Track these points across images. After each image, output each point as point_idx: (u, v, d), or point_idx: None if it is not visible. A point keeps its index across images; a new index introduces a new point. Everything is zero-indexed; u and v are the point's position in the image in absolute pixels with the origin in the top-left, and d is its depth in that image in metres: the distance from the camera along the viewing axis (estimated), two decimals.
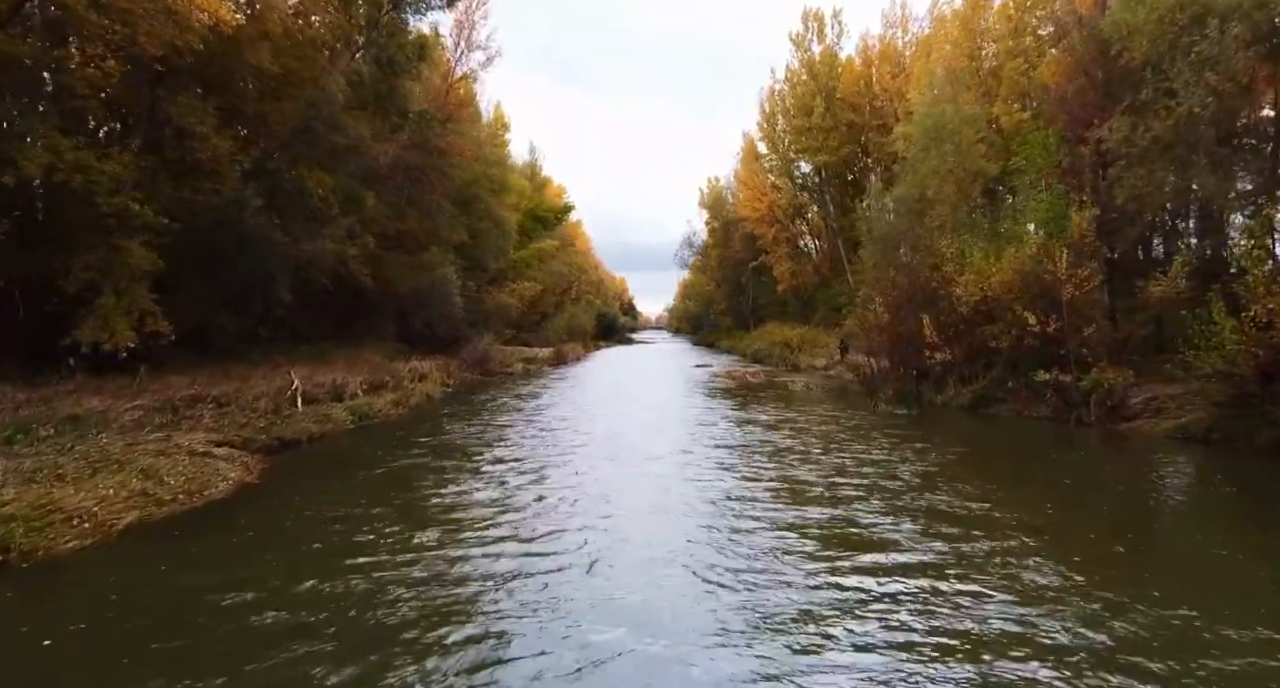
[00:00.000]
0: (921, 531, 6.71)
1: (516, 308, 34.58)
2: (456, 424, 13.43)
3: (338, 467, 9.89)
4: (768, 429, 12.81)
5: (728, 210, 57.63)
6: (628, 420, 13.69)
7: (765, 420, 13.87)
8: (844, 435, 12.40)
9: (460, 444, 11.13)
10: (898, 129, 33.02)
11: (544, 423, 13.39)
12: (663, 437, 11.87)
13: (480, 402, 17.31)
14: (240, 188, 12.50)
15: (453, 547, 6.20)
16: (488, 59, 24.59)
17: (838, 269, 44.55)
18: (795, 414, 15.32)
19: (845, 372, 26.58)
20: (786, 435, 12.08)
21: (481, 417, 14.36)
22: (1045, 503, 8.01)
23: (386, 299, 24.70)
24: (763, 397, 19.19)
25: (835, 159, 40.42)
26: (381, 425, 13.83)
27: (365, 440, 12.15)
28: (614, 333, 70.27)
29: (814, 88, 39.87)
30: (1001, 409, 15.56)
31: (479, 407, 16.30)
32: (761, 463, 9.81)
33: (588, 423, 13.29)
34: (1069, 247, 14.13)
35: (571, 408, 15.88)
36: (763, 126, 44.20)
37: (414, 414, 15.27)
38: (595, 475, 9.04)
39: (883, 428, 13.47)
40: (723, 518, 7.11)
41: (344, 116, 14.28)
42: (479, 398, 18.35)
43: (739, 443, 11.46)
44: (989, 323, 16.15)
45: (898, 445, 11.37)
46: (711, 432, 12.45)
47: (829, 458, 10.19)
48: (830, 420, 14.33)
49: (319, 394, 14.35)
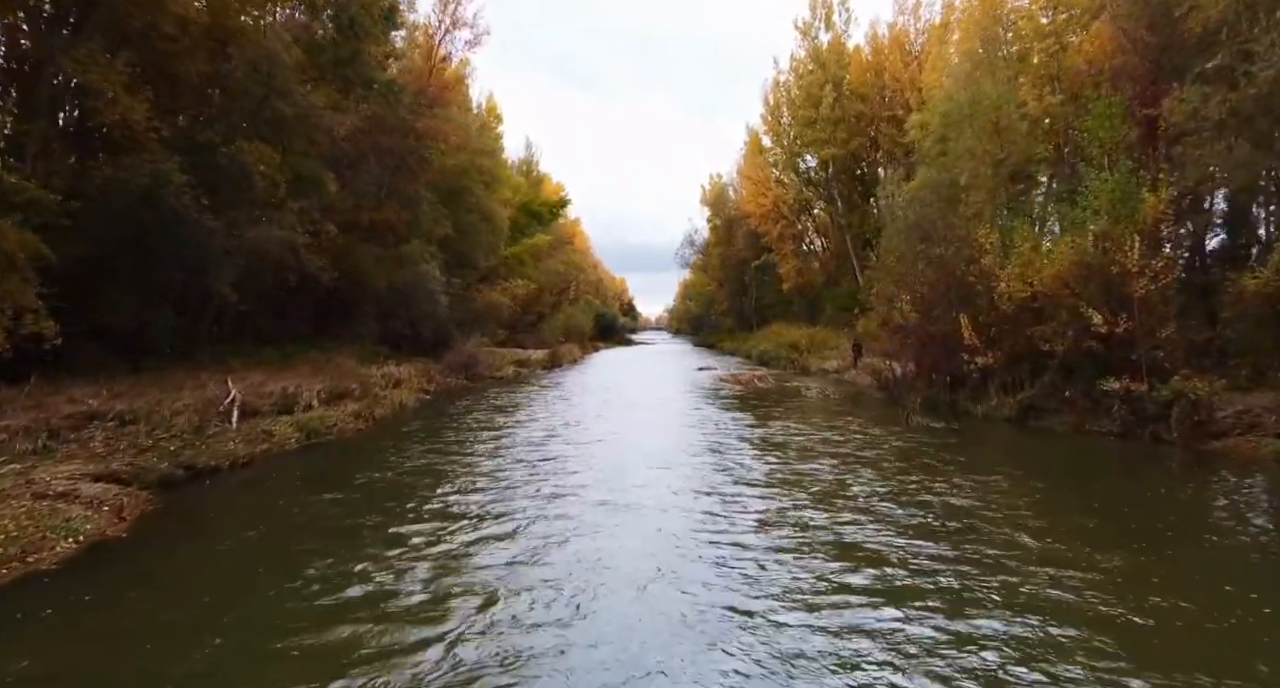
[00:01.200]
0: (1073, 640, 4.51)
1: (509, 307, 32.37)
2: (418, 446, 11.16)
3: (241, 512, 7.59)
4: (799, 457, 10.15)
5: (730, 208, 55.44)
6: (626, 444, 11.08)
7: (789, 442, 11.56)
8: (888, 462, 10.17)
9: (410, 481, 8.71)
10: (913, 118, 30.86)
11: (523, 447, 10.90)
12: (673, 475, 8.99)
13: (456, 413, 15.04)
14: (165, 162, 10.30)
15: None
16: (475, 37, 22.42)
17: (845, 267, 42.41)
18: (820, 430, 13.12)
19: (860, 376, 24.40)
20: (821, 465, 9.85)
21: (451, 435, 12.05)
22: (1175, 569, 5.82)
23: (365, 298, 22.54)
24: (777, 406, 16.98)
25: (844, 152, 38.23)
26: (333, 444, 11.62)
27: (300, 467, 9.92)
28: (613, 334, 68.04)
29: (822, 77, 37.68)
30: (1054, 422, 13.36)
31: (453, 421, 14.00)
32: (809, 516, 7.27)
33: (575, 450, 10.63)
34: (1141, 233, 11.94)
35: (559, 423, 13.50)
36: (767, 119, 42.05)
37: (376, 429, 13.05)
38: (581, 551, 6.07)
39: (928, 449, 11.27)
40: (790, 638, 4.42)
41: (294, 81, 12.09)
42: (457, 409, 16.10)
43: (766, 479, 8.83)
44: (1038, 322, 13.95)
45: (957, 475, 9.17)
46: (731, 462, 9.78)
47: (885, 503, 7.96)
48: (863, 439, 12.12)
49: (263, 406, 12.15)
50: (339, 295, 21.95)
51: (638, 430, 12.71)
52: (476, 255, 27.55)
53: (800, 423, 13.72)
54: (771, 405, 17.15)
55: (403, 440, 11.71)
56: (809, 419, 14.40)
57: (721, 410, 15.70)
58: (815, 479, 8.77)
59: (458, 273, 27.77)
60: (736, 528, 6.75)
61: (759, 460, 9.81)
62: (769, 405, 17.11)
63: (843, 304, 39.73)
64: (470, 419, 13.90)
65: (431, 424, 13.41)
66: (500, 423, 13.30)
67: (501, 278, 32.20)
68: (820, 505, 7.52)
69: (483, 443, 11.12)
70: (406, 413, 15.43)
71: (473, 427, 12.96)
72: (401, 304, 22.69)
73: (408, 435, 12.26)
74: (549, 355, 32.18)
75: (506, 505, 7.53)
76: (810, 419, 14.44)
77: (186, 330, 15.62)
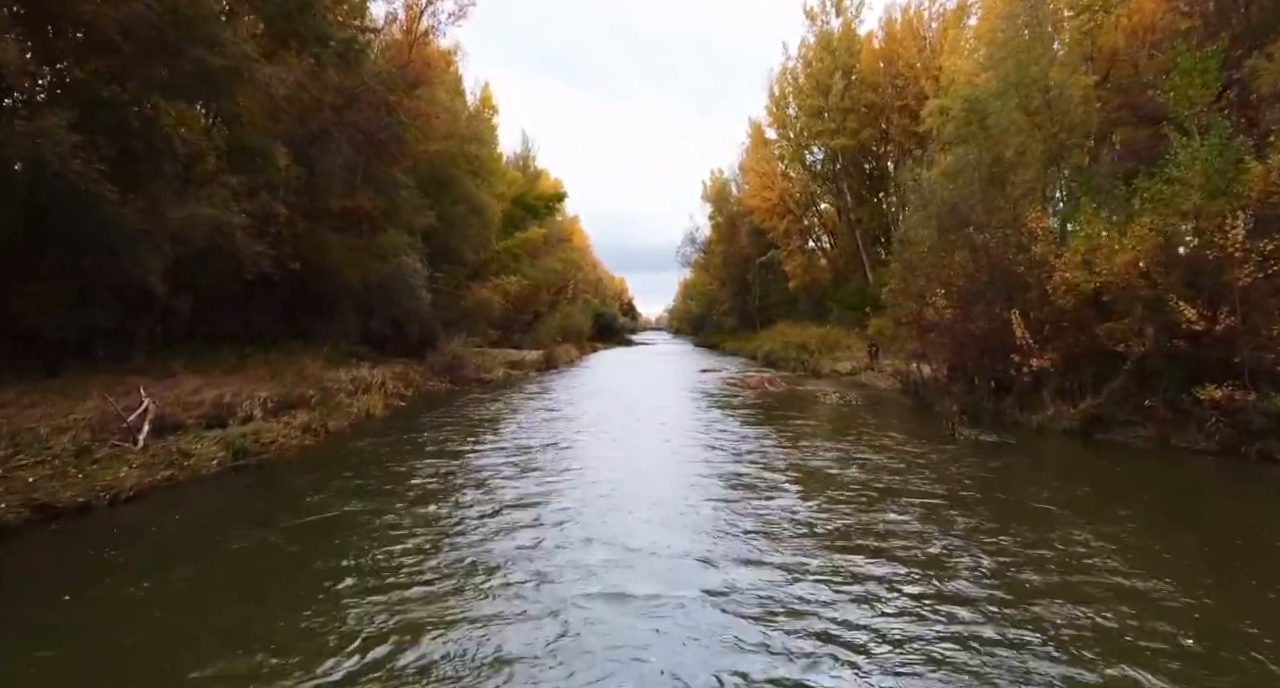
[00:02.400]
0: None
1: (501, 305, 30.22)
2: (367, 474, 8.88)
3: (67, 584, 5.25)
4: (852, 500, 7.45)
5: (732, 204, 53.33)
6: (621, 481, 8.30)
7: (828, 473, 9.26)
8: (962, 502, 8.05)
9: (331, 543, 6.15)
10: (930, 103, 28.78)
11: (496, 479, 8.37)
12: (685, 526, 6.56)
13: (424, 426, 12.76)
14: (53, 118, 8.16)
15: None
16: (459, 9, 20.25)
17: (854, 264, 40.28)
18: (856, 449, 10.99)
19: (879, 378, 22.28)
20: (887, 516, 7.67)
21: (403, 460, 9.69)
22: None
23: (341, 293, 20.41)
24: (798, 417, 14.83)
25: (854, 143, 36.10)
26: (266, 465, 9.46)
27: (202, 502, 7.70)
28: (612, 334, 65.89)
29: (831, 65, 35.56)
30: (1127, 435, 11.23)
31: (416, 436, 11.65)
32: (876, 593, 5.11)
33: (552, 491, 7.93)
34: (1244, 209, 9.81)
35: (539, 444, 10.94)
36: (772, 110, 39.92)
37: (325, 445, 10.86)
38: None
39: (994, 475, 9.15)
40: None
41: (225, 31, 9.95)
42: (428, 420, 13.88)
43: (829, 545, 6.09)
44: (1105, 318, 11.83)
45: (1077, 525, 7.05)
46: (773, 514, 6.97)
47: (965, 562, 5.83)
48: (912, 461, 9.97)
49: (188, 419, 10.01)
50: (311, 291, 19.84)
51: (637, 457, 10.10)
52: (464, 250, 25.39)
53: (832, 441, 11.56)
54: (791, 415, 14.99)
55: (352, 463, 9.50)
56: (840, 434, 12.25)
57: (737, 424, 13.53)
58: (890, 543, 6.53)
59: (444, 268, 25.64)
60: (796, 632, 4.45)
61: (807, 504, 7.54)
62: (788, 416, 14.96)
63: (852, 303, 37.61)
64: (436, 436, 11.61)
65: (388, 442, 11.20)
66: (470, 443, 10.95)
67: (493, 274, 30.06)
68: (926, 605, 4.91)
69: (438, 475, 8.76)
70: (370, 424, 13.28)
71: (435, 447, 10.71)
72: (380, 300, 20.56)
73: (354, 456, 10.05)
74: (543, 357, 30.06)
75: (430, 611, 4.72)
76: (841, 434, 12.28)
77: (126, 330, 13.53)
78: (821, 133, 36.36)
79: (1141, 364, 11.17)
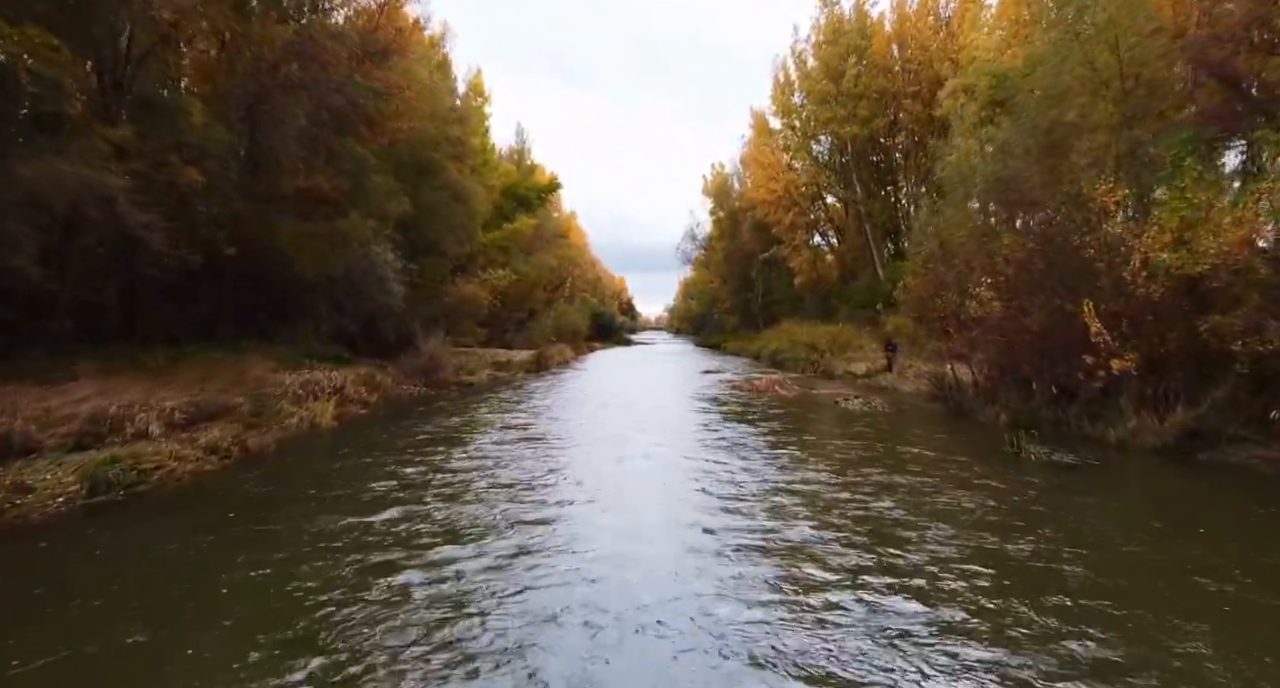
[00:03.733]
0: None
1: (489, 302, 27.92)
2: (270, 522, 6.61)
3: None
4: (934, 571, 5.02)
5: (734, 199, 51.00)
6: (608, 543, 5.78)
7: (880, 517, 6.89)
8: (1081, 563, 5.74)
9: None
10: (950, 83, 26.47)
11: (446, 529, 6.08)
12: (700, 620, 4.23)
13: (369, 444, 10.21)
14: None
15: None
16: None
17: (864, 260, 37.94)
18: (899, 472, 8.69)
19: (900, 381, 19.96)
20: (951, 568, 5.37)
21: (342, 492, 7.30)
22: None
23: (306, 287, 18.11)
24: (822, 430, 12.52)
25: (865, 131, 33.77)
26: (135, 503, 7.13)
27: None
28: (611, 333, 63.55)
29: (843, 48, 33.23)
30: (1241, 454, 8.92)
31: (352, 457, 9.08)
32: None
33: (533, 532, 5.97)
34: None
35: (507, 471, 8.44)
36: (777, 98, 37.56)
37: (232, 471, 8.52)
38: None
39: (1100, 518, 6.84)
40: None
41: None
42: (382, 434, 11.49)
43: (879, 627, 4.14)
44: (1204, 310, 9.52)
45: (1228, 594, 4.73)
46: (798, 572, 5.05)
47: None
48: (970, 488, 7.68)
49: (46, 439, 7.70)
50: (272, 284, 17.53)
51: (628, 499, 7.38)
52: (447, 241, 23.06)
53: (871, 465, 9.23)
54: (814, 428, 12.68)
55: (229, 507, 7.13)
56: (877, 455, 9.92)
57: (754, 441, 11.18)
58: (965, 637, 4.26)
59: (425, 261, 23.34)
60: None
61: (876, 579, 5.26)
62: (810, 428, 12.65)
63: (862, 300, 35.29)
64: (372, 462, 8.98)
65: (329, 468, 8.82)
66: (420, 470, 8.35)
67: (480, 269, 27.75)
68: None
69: (359, 526, 6.33)
70: (308, 440, 10.96)
71: (372, 472, 8.33)
72: (346, 295, 18.24)
73: (274, 490, 7.69)
74: (535, 357, 27.72)
75: None
76: (879, 455, 9.96)
77: (13, 327, 11.25)
78: (830, 120, 34.02)
79: (1259, 367, 8.85)
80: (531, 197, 31.93)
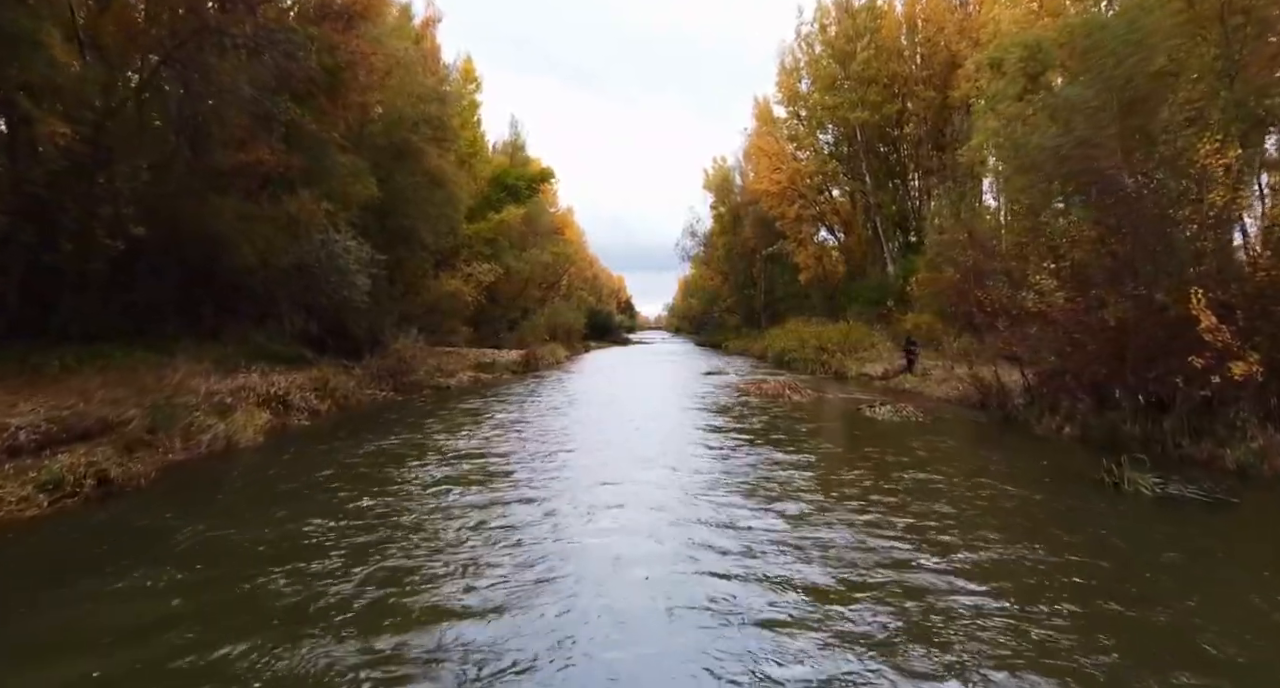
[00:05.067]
0: None
1: (475, 298, 25.70)
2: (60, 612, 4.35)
3: None
4: None
5: (736, 194, 48.77)
6: (595, 598, 4.01)
7: (964, 587, 4.82)
8: None
9: None
10: (975, 57, 24.28)
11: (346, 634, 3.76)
12: None
13: (290, 474, 7.83)
14: None
15: None
16: None
17: (873, 255, 35.75)
18: (980, 522, 6.50)
19: (924, 384, 17.75)
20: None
21: (152, 568, 4.92)
22: None
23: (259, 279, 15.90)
24: (852, 446, 10.32)
25: (875, 118, 31.58)
26: None
27: None
28: (608, 333, 61.31)
29: (852, 29, 31.06)
30: None
31: (236, 500, 6.60)
32: None
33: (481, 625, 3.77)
34: None
35: (452, 520, 5.96)
36: (783, 83, 35.35)
37: (65, 517, 6.25)
38: None
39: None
40: None
41: None
42: (309, 455, 9.12)
43: None
44: None
45: None
46: None
47: None
48: (1086, 549, 5.48)
49: None
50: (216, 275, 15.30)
51: (609, 573, 4.82)
52: (424, 230, 20.82)
53: (932, 501, 7.03)
54: (842, 443, 10.48)
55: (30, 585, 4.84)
56: (935, 485, 7.71)
57: (772, 461, 8.95)
58: None
59: (401, 252, 21.13)
60: None
61: None
62: (837, 444, 10.43)
63: (873, 297, 33.12)
64: (262, 506, 6.55)
65: (168, 518, 6.42)
66: (332, 518, 5.80)
67: (464, 263, 25.53)
68: None
69: (307, 578, 4.14)
70: (218, 463, 8.72)
71: (230, 531, 5.91)
72: (302, 288, 16.02)
73: (62, 560, 5.43)
74: (523, 358, 25.49)
75: None
76: (939, 485, 7.75)
77: None
78: (838, 106, 31.82)
79: None
80: (522, 187, 29.68)
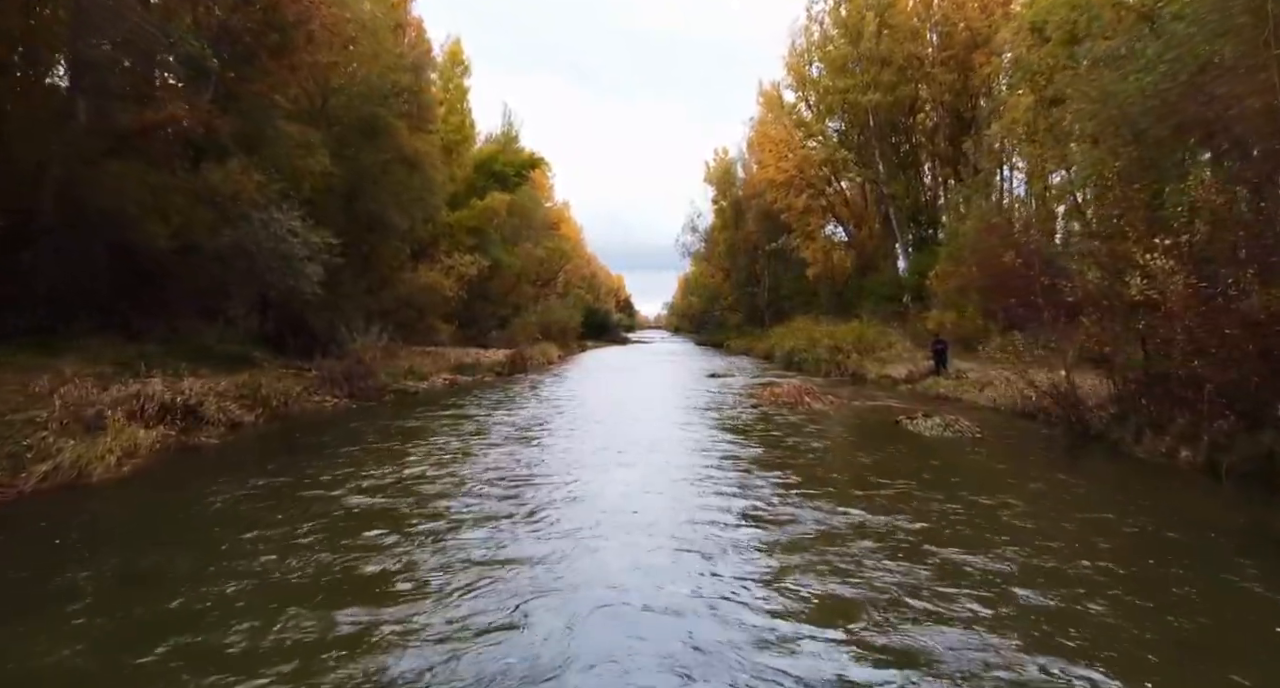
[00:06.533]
0: None
1: (458, 292, 23.28)
2: None
3: None
4: None
5: (738, 187, 46.36)
6: None
7: None
8: None
9: None
10: (1008, 26, 21.86)
11: None
12: None
13: (118, 534, 5.58)
14: None
15: None
16: None
17: (885, 249, 33.32)
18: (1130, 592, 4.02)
19: (959, 388, 15.33)
20: None
21: None
22: None
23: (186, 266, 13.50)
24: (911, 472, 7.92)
25: (889, 99, 29.17)
26: None
27: None
28: (605, 332, 58.90)
29: (863, 4, 28.67)
30: None
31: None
32: None
33: None
34: None
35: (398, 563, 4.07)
36: (792, 66, 32.93)
37: None
38: None
39: None
40: None
41: None
42: (171, 507, 6.77)
43: None
44: None
45: None
46: None
47: None
48: None
49: None
50: (131, 260, 12.90)
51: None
52: (395, 216, 18.38)
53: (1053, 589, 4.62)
54: (890, 476, 8.05)
55: None
56: (1042, 542, 5.31)
57: (827, 531, 6.55)
58: None
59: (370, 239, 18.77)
60: None
61: None
62: (885, 476, 8.01)
63: (887, 293, 30.72)
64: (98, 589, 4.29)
65: None
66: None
67: (445, 254, 23.11)
68: None
69: None
70: (44, 507, 6.30)
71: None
72: (237, 277, 13.63)
73: None
74: (510, 358, 23.06)
75: None
76: (1046, 542, 5.35)
77: None
78: (850, 90, 29.41)
79: None
80: (509, 173, 27.23)
